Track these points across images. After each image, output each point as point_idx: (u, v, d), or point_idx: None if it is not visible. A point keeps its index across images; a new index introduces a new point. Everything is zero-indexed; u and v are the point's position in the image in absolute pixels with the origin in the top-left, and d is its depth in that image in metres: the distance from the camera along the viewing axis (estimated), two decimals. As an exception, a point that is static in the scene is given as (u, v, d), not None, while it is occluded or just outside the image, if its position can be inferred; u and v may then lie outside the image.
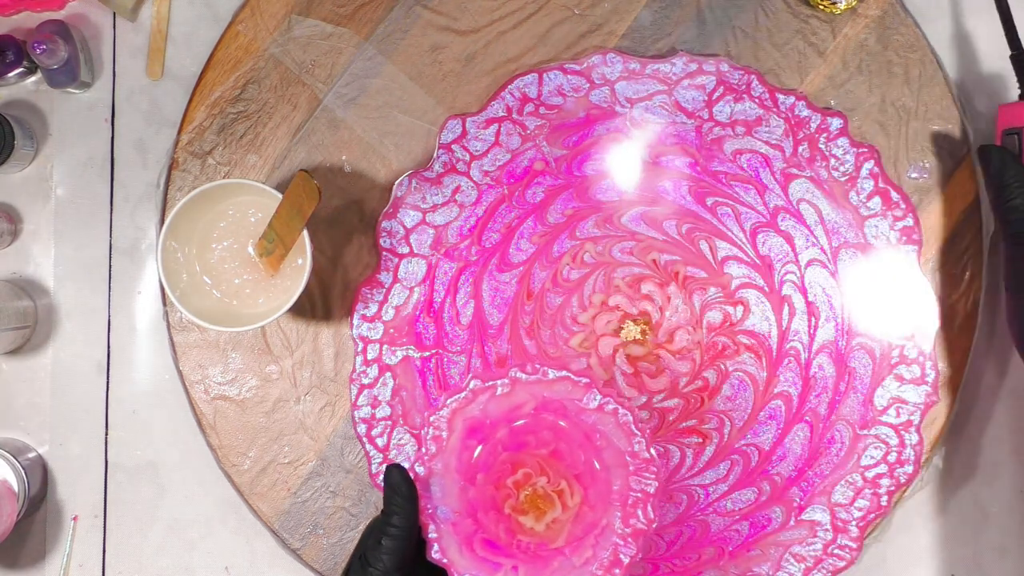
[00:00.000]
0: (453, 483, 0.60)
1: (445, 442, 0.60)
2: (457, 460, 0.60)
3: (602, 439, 0.61)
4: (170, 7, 0.74)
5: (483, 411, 0.61)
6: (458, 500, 0.60)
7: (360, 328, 0.71)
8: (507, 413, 0.61)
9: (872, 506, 0.69)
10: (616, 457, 0.60)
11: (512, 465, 0.61)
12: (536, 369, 0.61)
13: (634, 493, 0.60)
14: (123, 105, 0.74)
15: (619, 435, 0.60)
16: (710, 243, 0.70)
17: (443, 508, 0.59)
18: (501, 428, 0.61)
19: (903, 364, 0.70)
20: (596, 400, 0.60)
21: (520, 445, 0.61)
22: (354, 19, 0.72)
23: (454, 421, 0.60)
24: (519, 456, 0.61)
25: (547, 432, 0.61)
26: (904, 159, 0.71)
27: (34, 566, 0.73)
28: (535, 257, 0.71)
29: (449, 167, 0.71)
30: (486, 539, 0.60)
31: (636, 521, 0.60)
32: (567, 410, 0.61)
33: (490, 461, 0.61)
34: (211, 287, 0.68)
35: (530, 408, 0.61)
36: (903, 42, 0.71)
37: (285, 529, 0.71)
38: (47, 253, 0.74)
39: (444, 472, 0.60)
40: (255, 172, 0.72)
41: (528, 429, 0.61)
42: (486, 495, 0.61)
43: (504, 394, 0.61)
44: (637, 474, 0.60)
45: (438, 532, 0.59)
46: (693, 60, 0.70)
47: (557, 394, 0.61)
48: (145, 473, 0.73)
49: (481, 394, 0.61)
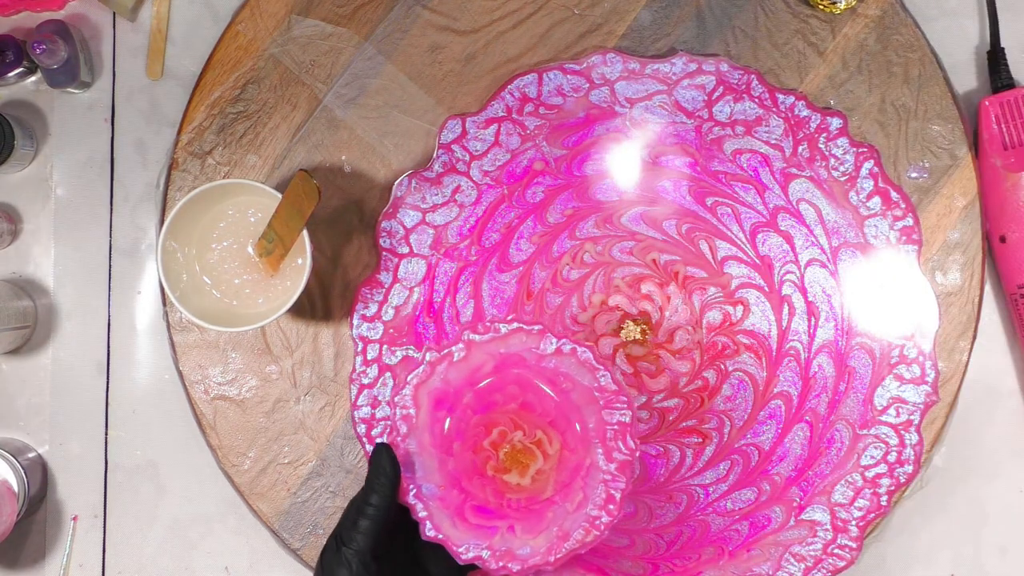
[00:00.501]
0: (431, 458, 0.59)
1: (415, 419, 0.59)
2: (430, 435, 0.60)
3: (567, 381, 0.60)
4: (170, 7, 0.74)
5: (445, 380, 0.60)
6: (440, 474, 0.59)
7: (360, 328, 0.71)
8: (469, 377, 0.60)
9: (872, 506, 0.69)
10: (584, 396, 0.60)
11: (485, 427, 0.60)
12: (488, 327, 0.60)
13: (610, 427, 0.59)
14: (123, 105, 0.74)
15: (582, 373, 0.60)
16: (710, 243, 0.70)
17: (427, 485, 0.59)
18: (466, 393, 0.60)
19: (903, 364, 0.70)
20: (553, 344, 0.60)
21: (489, 405, 0.60)
22: (354, 19, 0.72)
23: (419, 397, 0.60)
24: (490, 416, 0.60)
25: (512, 387, 0.60)
26: (904, 159, 0.71)
27: (34, 566, 0.73)
28: (535, 257, 0.71)
29: (449, 167, 0.71)
30: (476, 506, 0.59)
31: (619, 454, 0.59)
32: (527, 361, 0.60)
33: (462, 428, 0.60)
34: (211, 287, 0.68)
35: (490, 367, 0.60)
36: (903, 42, 0.71)
37: (285, 529, 0.71)
38: (47, 253, 0.74)
39: (420, 450, 0.59)
40: (255, 172, 0.72)
41: (493, 388, 0.60)
42: (466, 462, 0.60)
43: (462, 359, 0.60)
44: (608, 407, 0.59)
45: (427, 510, 0.58)
46: (693, 60, 0.70)
47: (513, 347, 0.60)
48: (145, 473, 0.73)
49: (439, 364, 0.60)
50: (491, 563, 0.58)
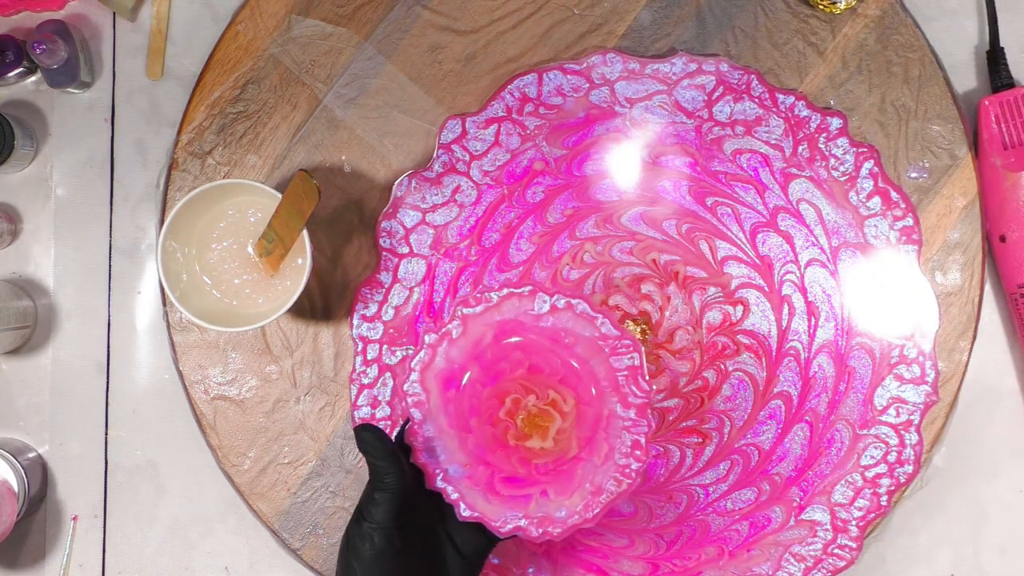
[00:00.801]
0: (451, 439, 0.59)
1: (427, 404, 0.59)
2: (445, 416, 0.59)
3: (568, 335, 0.60)
4: (170, 7, 0.74)
5: (448, 359, 0.60)
6: (462, 453, 0.59)
7: (360, 328, 0.71)
8: (471, 351, 0.60)
9: (872, 506, 0.69)
10: (589, 347, 0.59)
11: (498, 397, 0.60)
12: (479, 298, 0.60)
13: (620, 373, 0.59)
14: (123, 105, 0.74)
15: (582, 325, 0.59)
16: (710, 243, 0.70)
17: (452, 467, 0.58)
18: (471, 367, 0.60)
19: (903, 364, 0.70)
20: (547, 302, 0.60)
21: (496, 376, 0.60)
22: (354, 19, 0.72)
23: (426, 381, 0.59)
24: (500, 386, 0.60)
25: (516, 352, 0.60)
26: (904, 159, 0.71)
27: (34, 566, 0.73)
28: (535, 257, 0.71)
29: (449, 167, 0.71)
30: (504, 477, 0.59)
31: (634, 398, 0.59)
32: (524, 324, 0.60)
33: (475, 403, 0.60)
34: (211, 287, 0.68)
35: (490, 337, 0.60)
36: (902, 42, 0.71)
37: (285, 529, 0.71)
38: (47, 253, 0.74)
39: (438, 433, 0.59)
40: (255, 172, 0.72)
41: (497, 357, 0.60)
42: (486, 436, 0.59)
43: (460, 335, 0.60)
44: (615, 353, 0.59)
45: (458, 491, 0.58)
46: (693, 60, 0.70)
47: (508, 313, 0.60)
48: (145, 473, 0.73)
49: (439, 345, 0.60)
50: (532, 531, 0.58)
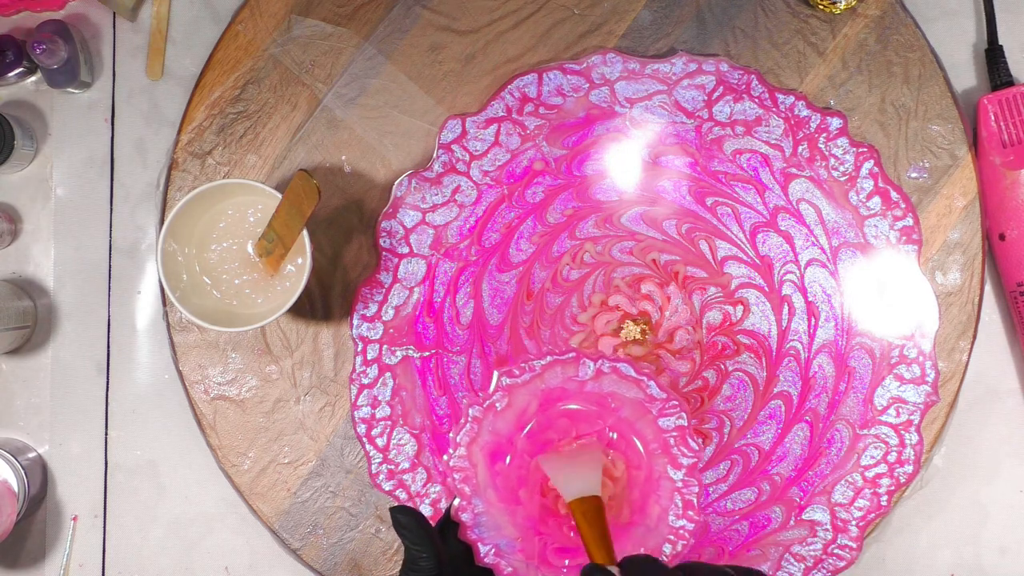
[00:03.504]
0: (501, 513, 0.58)
1: (474, 479, 0.58)
2: (494, 490, 0.58)
3: (615, 399, 0.59)
4: (170, 7, 0.74)
5: (493, 432, 0.59)
6: (513, 526, 0.58)
7: (360, 328, 0.71)
8: (516, 422, 0.59)
9: (872, 506, 0.69)
10: (636, 410, 0.59)
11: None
12: (523, 368, 0.59)
13: (668, 434, 0.58)
14: (123, 105, 0.74)
15: (627, 388, 0.59)
16: (710, 243, 0.70)
17: (503, 541, 0.57)
18: (517, 439, 0.59)
19: (903, 364, 0.70)
20: (591, 368, 0.59)
21: (544, 445, 0.59)
22: (354, 19, 0.72)
23: (473, 455, 0.59)
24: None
25: (563, 420, 0.59)
26: (904, 159, 0.71)
27: (34, 566, 0.73)
28: (535, 257, 0.71)
29: (449, 167, 0.71)
30: (557, 548, 0.58)
31: (684, 458, 0.58)
32: (569, 391, 0.59)
33: (523, 474, 0.59)
34: (211, 287, 0.68)
35: (535, 407, 0.60)
36: (903, 42, 0.71)
37: (285, 529, 0.71)
38: (47, 253, 0.74)
39: (488, 508, 0.58)
40: (255, 172, 0.72)
41: (543, 427, 0.59)
42: (537, 507, 0.59)
43: (505, 407, 0.59)
44: (662, 415, 0.58)
45: (512, 566, 0.57)
46: (693, 60, 0.70)
47: (552, 381, 0.59)
48: (145, 473, 0.73)
49: (484, 418, 0.59)
50: None
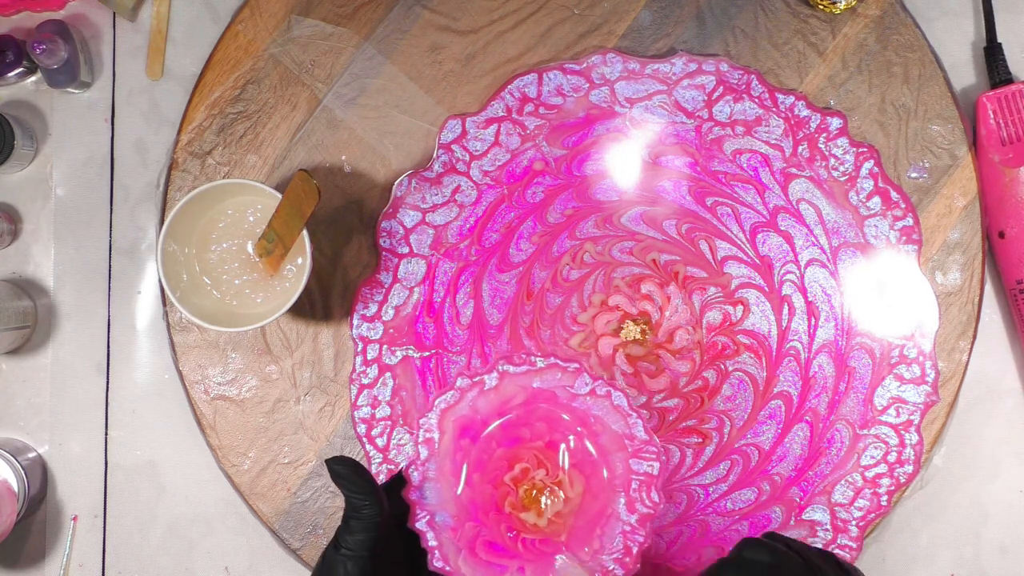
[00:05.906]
0: (448, 486, 0.58)
1: (436, 444, 0.58)
2: (451, 462, 0.58)
3: (598, 424, 0.58)
4: (170, 7, 0.74)
5: (472, 408, 0.59)
6: (455, 503, 0.58)
7: (360, 328, 0.71)
8: (497, 408, 0.59)
9: (872, 506, 0.69)
10: (614, 441, 0.58)
11: (508, 461, 0.59)
12: (523, 359, 0.59)
13: (636, 477, 0.58)
14: (123, 105, 0.74)
15: (615, 418, 0.58)
16: (710, 243, 0.70)
17: (441, 514, 0.57)
18: (492, 423, 0.59)
19: (903, 364, 0.70)
20: (587, 385, 0.59)
21: (514, 440, 0.59)
22: (354, 19, 0.72)
23: (444, 422, 0.58)
24: (515, 451, 0.59)
25: (541, 423, 0.59)
26: (904, 159, 0.71)
27: (34, 566, 0.73)
28: (535, 257, 0.71)
29: (449, 167, 0.71)
30: (488, 541, 0.58)
31: (641, 506, 0.57)
32: (558, 398, 0.59)
33: (484, 459, 0.59)
34: (211, 287, 0.68)
35: (520, 400, 0.59)
36: (902, 42, 0.71)
37: (285, 529, 0.71)
38: (47, 253, 0.74)
39: (438, 476, 0.58)
40: (255, 172, 0.72)
41: (521, 422, 0.59)
42: (484, 495, 0.58)
43: (493, 388, 0.59)
44: (637, 456, 0.58)
45: (438, 540, 0.57)
46: (693, 60, 0.70)
47: (547, 383, 0.59)
48: (145, 473, 0.73)
49: (469, 391, 0.59)
50: None
